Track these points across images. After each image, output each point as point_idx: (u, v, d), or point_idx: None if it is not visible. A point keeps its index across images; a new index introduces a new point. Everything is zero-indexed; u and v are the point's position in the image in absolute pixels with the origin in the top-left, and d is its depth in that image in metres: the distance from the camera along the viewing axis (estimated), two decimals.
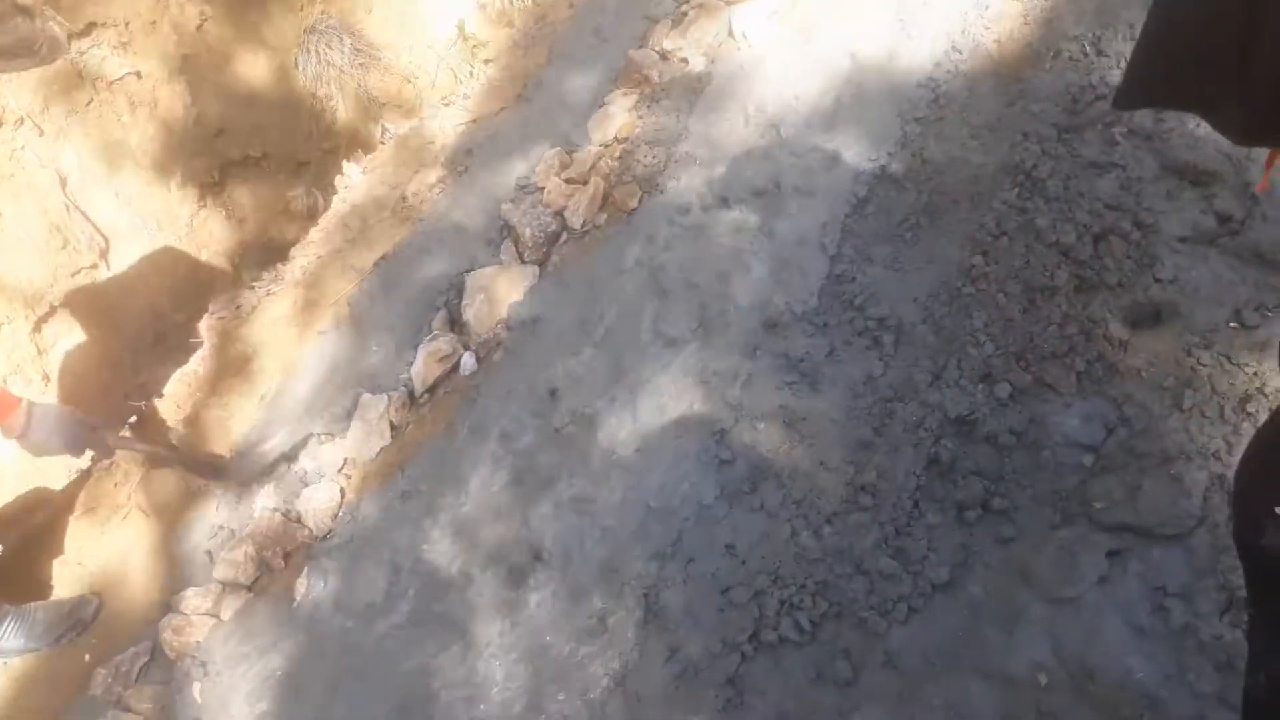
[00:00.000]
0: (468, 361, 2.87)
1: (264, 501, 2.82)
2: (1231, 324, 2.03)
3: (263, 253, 4.15)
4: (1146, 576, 1.82)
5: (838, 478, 2.14)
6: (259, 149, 4.21)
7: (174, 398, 3.22)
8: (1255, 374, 1.95)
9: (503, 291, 2.97)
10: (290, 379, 3.09)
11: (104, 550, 2.97)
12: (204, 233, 4.12)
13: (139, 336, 3.86)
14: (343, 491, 2.76)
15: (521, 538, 2.37)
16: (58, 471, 3.31)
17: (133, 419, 3.25)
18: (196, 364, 3.30)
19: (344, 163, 3.84)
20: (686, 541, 2.19)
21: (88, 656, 2.72)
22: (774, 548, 2.09)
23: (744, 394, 2.38)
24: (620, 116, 3.34)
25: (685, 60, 3.43)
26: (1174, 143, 2.35)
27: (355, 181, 3.75)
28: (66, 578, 2.96)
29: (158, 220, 3.94)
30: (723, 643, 2.01)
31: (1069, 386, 2.08)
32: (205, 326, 3.39)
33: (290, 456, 2.88)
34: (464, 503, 2.52)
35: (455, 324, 3.02)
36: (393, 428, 2.84)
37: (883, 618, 1.93)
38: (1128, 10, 2.67)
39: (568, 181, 3.19)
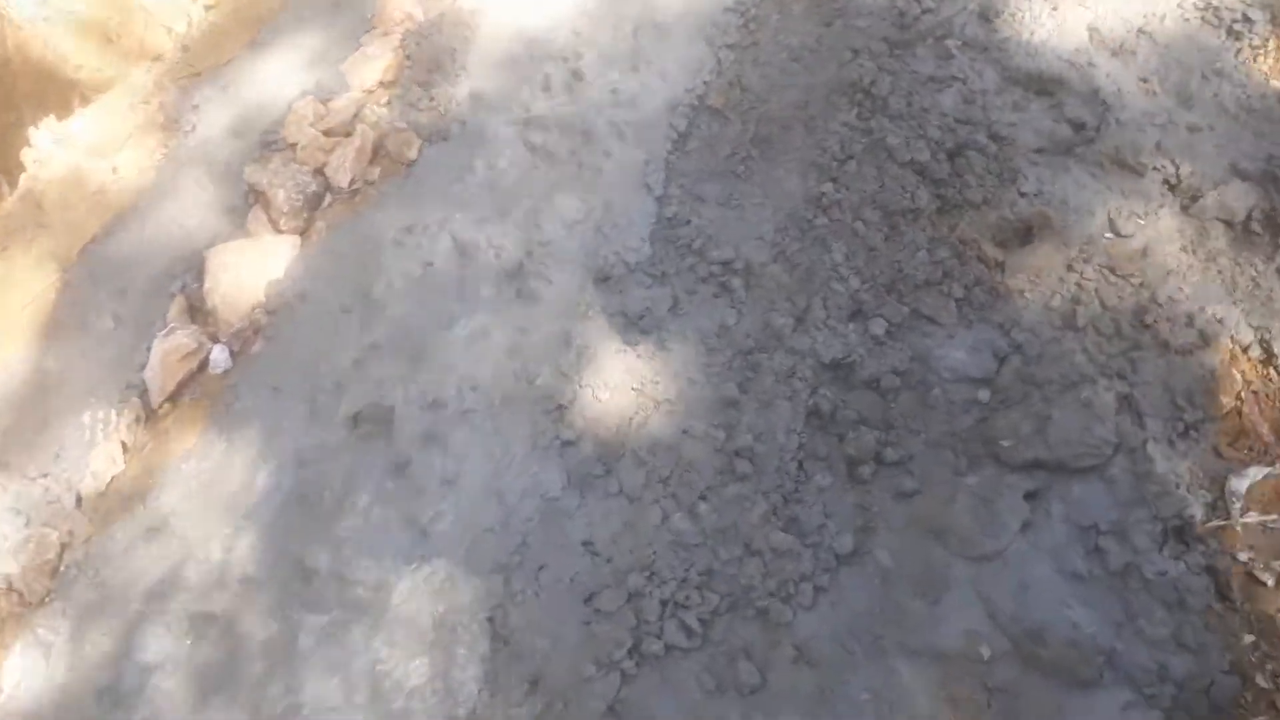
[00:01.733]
0: (219, 356, 2.27)
1: None
2: (1107, 234, 1.86)
3: None
4: (1072, 516, 1.60)
5: (706, 445, 1.78)
6: None
7: None
8: (1143, 284, 1.78)
9: (256, 268, 2.39)
10: None
11: None
12: None
13: None
14: (62, 541, 2.09)
15: (319, 570, 1.84)
16: None
17: None
18: None
19: (31, 132, 3.06)
20: (534, 545, 1.75)
21: None
22: (643, 537, 1.71)
23: (580, 361, 1.97)
24: (383, 57, 2.82)
25: None
26: (1011, 51, 2.19)
27: (48, 155, 2.98)
28: None
29: None
30: (595, 663, 1.60)
31: (950, 316, 1.84)
32: None
33: None
34: (235, 535, 1.94)
35: (197, 313, 2.40)
36: (125, 449, 2.20)
37: (785, 604, 1.59)
38: None
39: (326, 134, 2.64)
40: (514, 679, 1.62)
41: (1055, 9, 2.25)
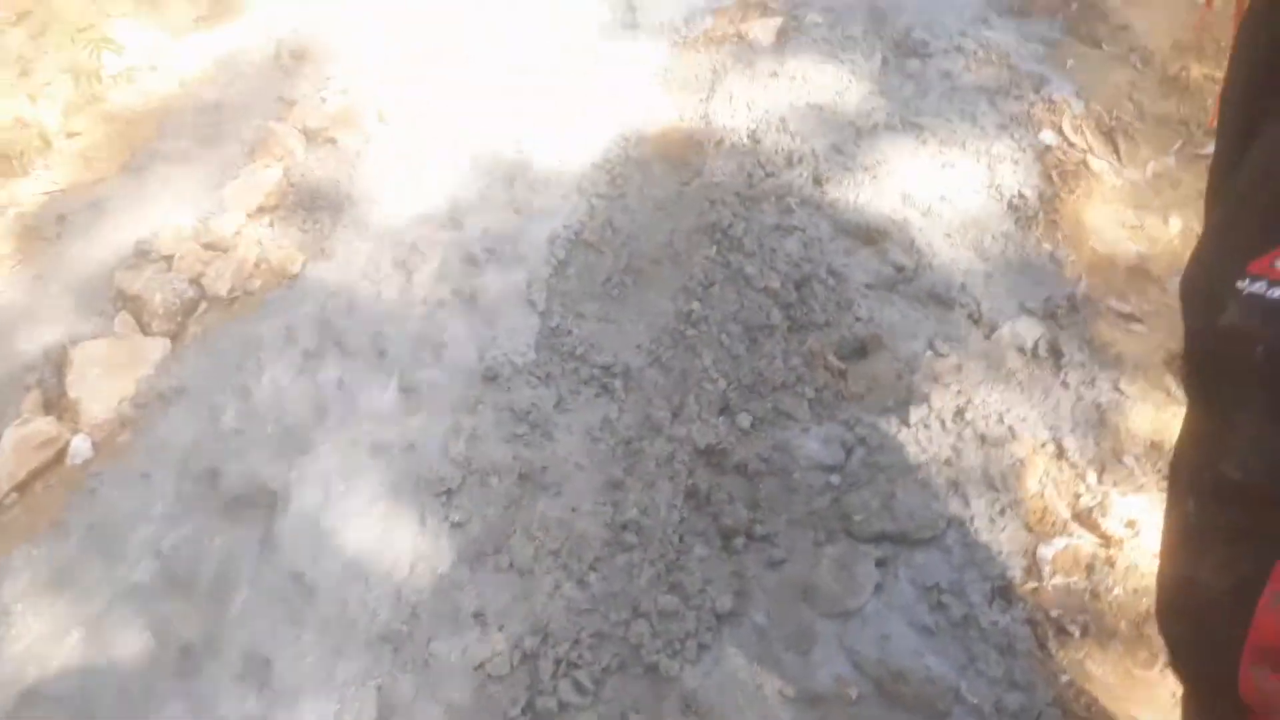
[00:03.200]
0: (80, 446, 2.21)
1: None
2: (928, 352, 2.21)
3: None
4: (917, 578, 1.82)
5: (595, 520, 1.92)
6: None
7: None
8: (960, 391, 2.12)
9: (125, 364, 2.38)
10: None
11: None
12: None
13: None
14: None
15: (195, 647, 1.79)
16: None
17: None
18: None
19: None
20: (424, 617, 1.79)
21: None
22: (535, 605, 1.79)
23: (469, 449, 2.08)
24: (265, 185, 2.95)
25: (334, 139, 3.17)
26: (841, 209, 2.59)
27: None
28: None
29: None
30: None
31: (804, 413, 2.09)
32: None
33: None
34: (89, 619, 1.86)
35: (54, 408, 2.34)
36: None
37: (672, 659, 1.71)
38: (775, 106, 2.97)
39: (207, 247, 2.71)
40: None
41: (875, 178, 2.70)
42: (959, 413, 2.07)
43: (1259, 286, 0.79)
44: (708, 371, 2.18)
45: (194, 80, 3.48)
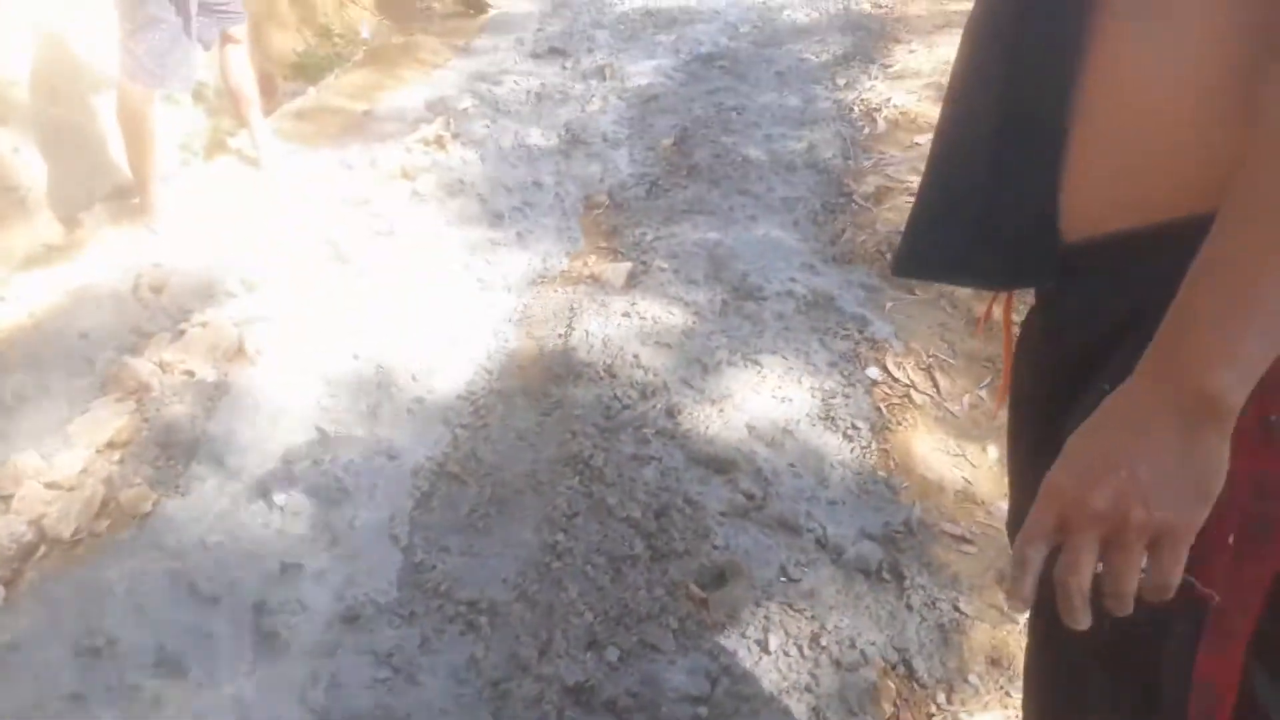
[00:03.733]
0: None
1: None
2: (782, 578, 2.33)
3: None
4: None
5: None
6: None
7: None
8: (814, 616, 2.23)
9: None
10: None
11: None
12: None
13: None
14: None
15: None
16: None
17: None
18: None
19: None
20: None
21: None
22: None
23: (327, 697, 2.01)
24: (116, 420, 2.90)
25: (191, 372, 3.16)
26: (693, 439, 2.77)
27: None
28: None
29: None
30: None
31: (670, 644, 2.15)
32: None
33: None
34: None
35: None
36: None
37: None
38: (628, 343, 3.19)
39: (48, 487, 2.61)
40: None
41: (722, 411, 2.90)
42: (814, 638, 2.17)
43: None
44: (574, 604, 2.22)
45: (44, 311, 3.44)
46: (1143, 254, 0.93)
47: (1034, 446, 1.13)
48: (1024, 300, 1.18)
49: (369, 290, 3.59)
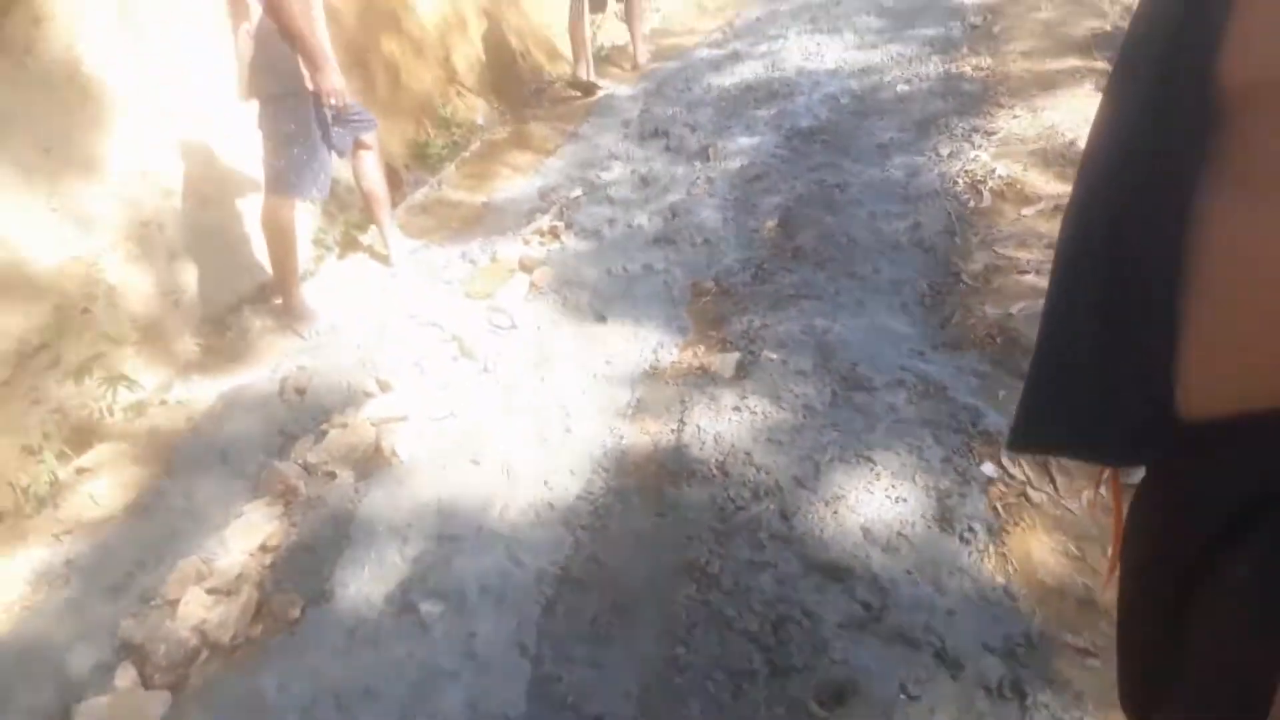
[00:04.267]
0: None
1: None
2: (902, 695, 2.36)
3: None
4: None
5: None
6: None
7: None
8: None
9: None
10: None
11: None
12: None
13: None
14: None
15: None
16: None
17: None
18: None
19: None
20: None
21: None
22: None
23: None
24: (267, 525, 3.14)
25: (333, 474, 3.40)
26: (808, 544, 2.82)
27: None
28: None
29: None
30: None
31: None
32: None
33: None
34: None
35: None
36: None
37: None
38: (740, 439, 3.28)
39: (209, 592, 2.84)
40: None
41: (835, 512, 2.95)
42: None
43: None
44: None
45: (201, 415, 3.74)
46: (1271, 437, 0.93)
47: (1157, 618, 1.14)
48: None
49: (492, 386, 3.79)
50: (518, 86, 7.73)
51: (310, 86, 3.93)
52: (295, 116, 3.99)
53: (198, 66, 4.82)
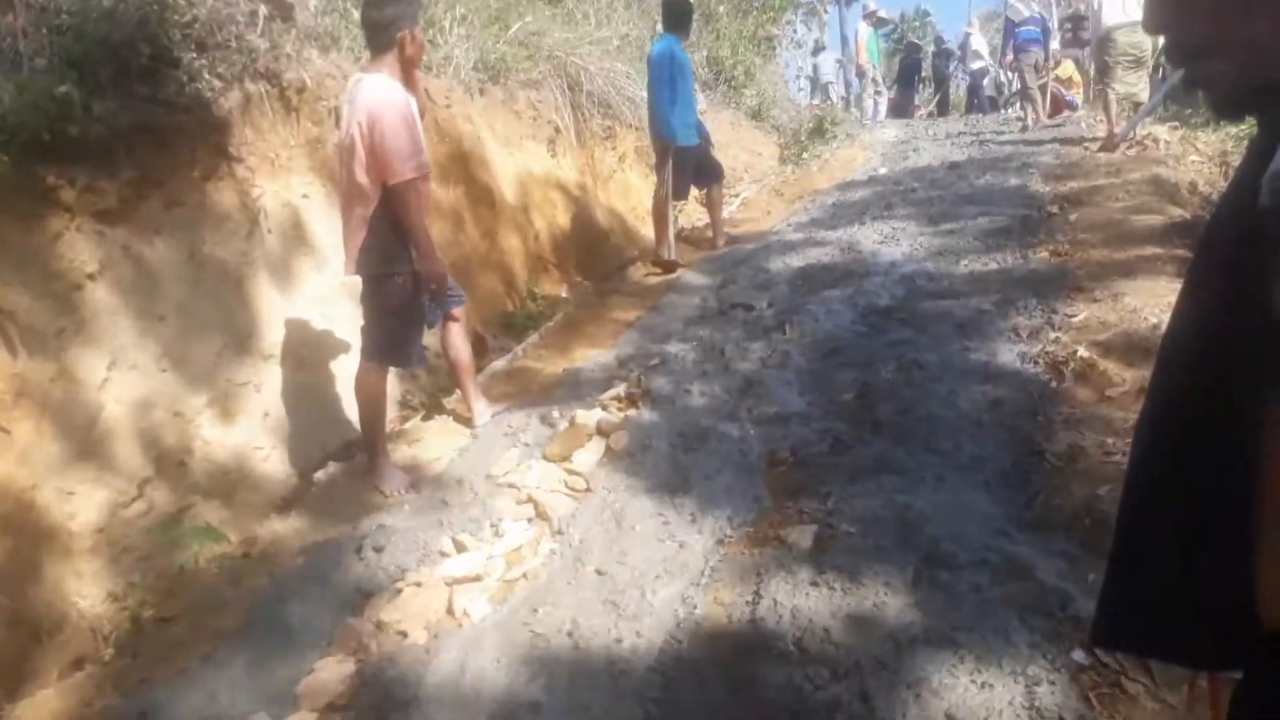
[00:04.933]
0: None
1: None
2: None
3: None
4: None
5: None
6: None
7: None
8: None
9: None
10: None
11: None
12: None
13: None
14: None
15: None
16: None
17: None
18: None
19: None
20: None
21: None
22: None
23: None
24: (338, 683, 3.13)
25: (404, 633, 3.39)
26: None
27: None
28: None
29: None
30: None
31: None
32: None
33: None
34: None
35: None
36: None
37: None
38: (818, 615, 3.19)
39: None
40: None
41: (918, 696, 2.82)
42: None
43: None
44: None
45: (281, 567, 3.80)
46: None
47: None
48: None
49: (567, 551, 3.80)
50: (601, 263, 8.09)
51: (415, 269, 4.20)
52: (398, 295, 4.25)
53: (300, 249, 5.24)
